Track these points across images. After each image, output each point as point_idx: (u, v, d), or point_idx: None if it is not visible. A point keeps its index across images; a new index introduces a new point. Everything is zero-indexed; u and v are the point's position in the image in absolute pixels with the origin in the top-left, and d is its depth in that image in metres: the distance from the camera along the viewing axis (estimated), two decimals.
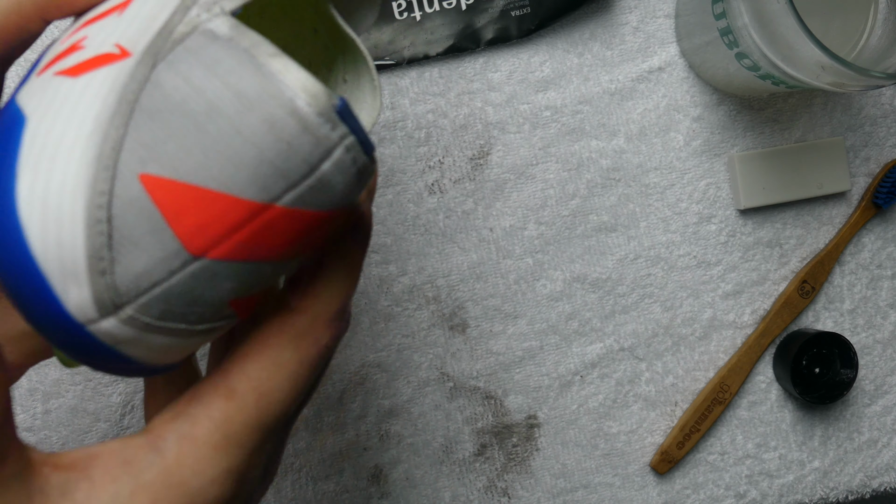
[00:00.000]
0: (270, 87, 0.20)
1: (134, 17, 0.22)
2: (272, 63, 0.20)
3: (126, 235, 0.20)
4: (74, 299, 0.20)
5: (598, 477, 0.46)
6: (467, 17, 0.43)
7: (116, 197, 0.20)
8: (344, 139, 0.21)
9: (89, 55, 0.22)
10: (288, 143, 0.20)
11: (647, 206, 0.46)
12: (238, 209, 0.20)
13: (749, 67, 0.39)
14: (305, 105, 0.20)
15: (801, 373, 0.44)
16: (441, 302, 0.45)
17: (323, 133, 0.21)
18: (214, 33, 0.21)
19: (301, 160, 0.20)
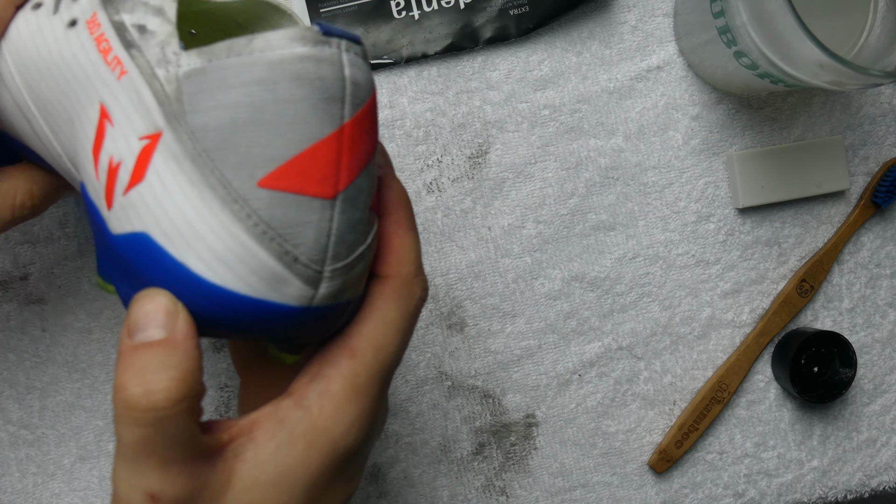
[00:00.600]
0: (274, 60, 0.24)
1: (128, 114, 0.26)
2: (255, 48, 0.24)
3: (286, 226, 0.25)
4: (294, 295, 0.25)
5: (597, 476, 0.46)
6: (466, 16, 0.43)
7: (258, 210, 0.25)
8: (342, 45, 0.25)
9: (132, 162, 0.26)
10: (317, 77, 0.25)
11: (646, 205, 0.46)
12: (330, 145, 0.25)
13: (747, 66, 0.39)
14: (303, 48, 0.24)
15: (799, 372, 0.44)
16: (439, 301, 0.45)
17: (328, 52, 0.25)
18: (193, 70, 0.25)
19: (333, 80, 0.25)
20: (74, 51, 0.28)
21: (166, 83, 0.26)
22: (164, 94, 0.26)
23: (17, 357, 0.43)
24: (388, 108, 0.44)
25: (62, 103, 0.29)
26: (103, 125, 0.27)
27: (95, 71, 0.27)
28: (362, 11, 0.43)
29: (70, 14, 0.29)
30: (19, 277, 0.43)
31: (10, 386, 0.43)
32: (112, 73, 0.27)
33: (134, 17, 0.27)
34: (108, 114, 0.27)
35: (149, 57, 0.26)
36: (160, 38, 0.26)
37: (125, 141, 0.26)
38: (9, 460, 0.43)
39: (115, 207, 0.26)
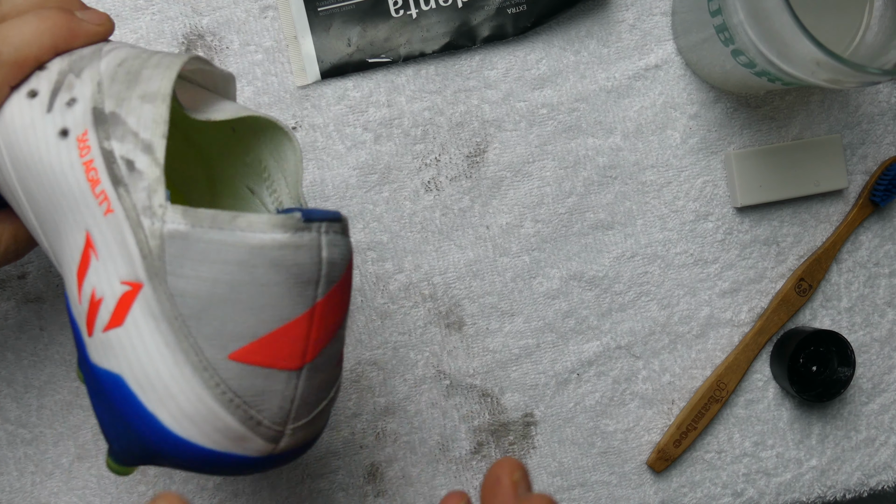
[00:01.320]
0: (254, 244, 0.26)
1: (112, 253, 0.27)
2: (237, 226, 0.26)
3: (252, 395, 0.26)
4: (255, 449, 0.27)
5: (595, 475, 0.46)
6: (463, 15, 0.43)
7: (227, 380, 0.26)
8: (321, 229, 0.26)
9: (113, 303, 0.27)
10: (294, 264, 0.26)
11: (644, 204, 0.46)
12: (301, 325, 0.26)
13: (745, 64, 0.39)
14: (283, 235, 0.26)
15: (798, 371, 0.44)
16: (437, 299, 0.45)
17: (307, 239, 0.26)
18: (176, 232, 0.26)
19: (310, 265, 0.26)
20: (64, 169, 0.28)
21: (150, 236, 0.26)
22: (148, 247, 0.26)
23: (14, 355, 0.43)
24: (385, 107, 0.44)
25: (50, 211, 0.29)
26: (88, 255, 0.28)
27: (83, 198, 0.28)
28: (360, 10, 0.43)
29: (63, 121, 0.28)
30: (17, 276, 0.43)
31: (8, 384, 0.43)
32: (99, 207, 0.27)
33: (124, 147, 0.27)
34: (93, 245, 0.27)
35: (135, 200, 0.27)
36: (147, 183, 0.27)
37: (108, 280, 0.27)
38: (7, 459, 0.43)
39: (95, 339, 0.27)
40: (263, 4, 0.43)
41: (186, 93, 0.32)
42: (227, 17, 0.43)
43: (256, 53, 0.43)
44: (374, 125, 0.44)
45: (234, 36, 0.43)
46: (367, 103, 0.44)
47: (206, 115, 0.31)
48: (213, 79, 0.33)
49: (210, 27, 0.43)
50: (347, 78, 0.44)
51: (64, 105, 0.29)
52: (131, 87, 0.28)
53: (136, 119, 0.28)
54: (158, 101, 0.28)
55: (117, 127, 0.28)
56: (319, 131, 0.44)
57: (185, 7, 0.43)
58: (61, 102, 0.29)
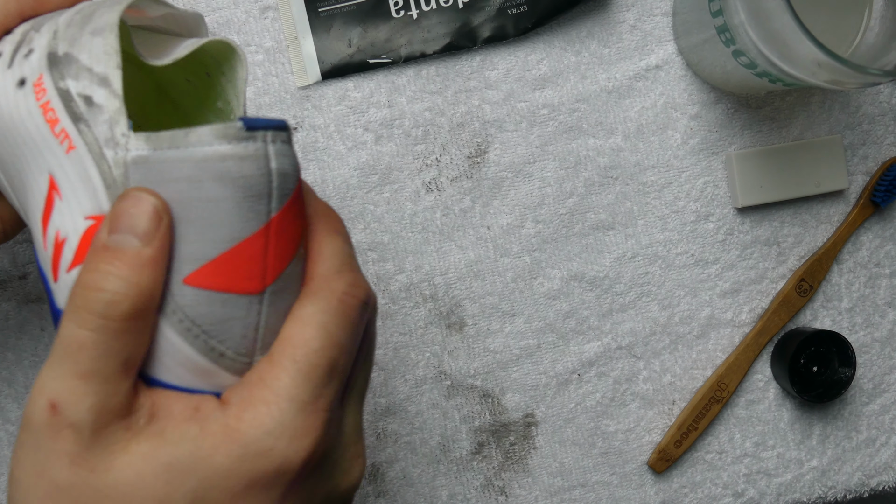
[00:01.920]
0: (199, 157, 0.24)
1: (76, 190, 0.26)
2: (189, 142, 0.24)
3: (212, 322, 0.25)
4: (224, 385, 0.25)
5: (596, 476, 0.46)
6: (464, 16, 0.43)
7: (183, 307, 0.25)
8: (266, 138, 0.24)
9: (76, 240, 0.26)
10: (241, 176, 0.24)
11: (645, 205, 0.46)
12: (256, 243, 0.25)
13: (746, 65, 0.39)
14: (226, 145, 0.24)
15: (799, 371, 0.44)
16: (438, 300, 0.45)
17: (252, 149, 0.24)
18: (139, 158, 0.25)
19: (258, 177, 0.24)
20: (23, 116, 0.27)
21: (114, 166, 0.25)
22: (112, 177, 0.25)
23: (15, 356, 0.43)
24: (386, 108, 0.44)
25: (15, 164, 0.28)
26: (52, 198, 0.27)
27: (44, 141, 0.27)
28: (361, 11, 0.43)
29: (21, 72, 0.28)
30: (18, 277, 0.43)
31: (9, 385, 0.43)
32: (60, 146, 0.27)
33: (79, 85, 0.27)
34: (56, 186, 0.27)
35: (97, 134, 0.26)
36: (108, 115, 0.26)
37: (71, 218, 0.26)
38: (7, 460, 0.43)
39: (60, 282, 0.26)
40: (264, 5, 0.43)
41: (152, 43, 0.31)
42: (227, 17, 0.43)
43: (257, 54, 0.43)
44: (374, 126, 0.44)
45: (235, 36, 0.43)
46: (367, 104, 0.44)
47: (162, 58, 0.30)
48: (181, 22, 0.32)
49: (210, 27, 0.43)
50: (348, 78, 0.44)
51: (22, 58, 0.28)
52: (83, 27, 0.28)
53: (87, 55, 0.27)
54: (106, 31, 0.27)
55: (71, 66, 0.27)
56: (320, 132, 0.44)
57: (185, 7, 0.43)
58: (20, 56, 0.28)
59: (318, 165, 0.44)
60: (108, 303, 0.23)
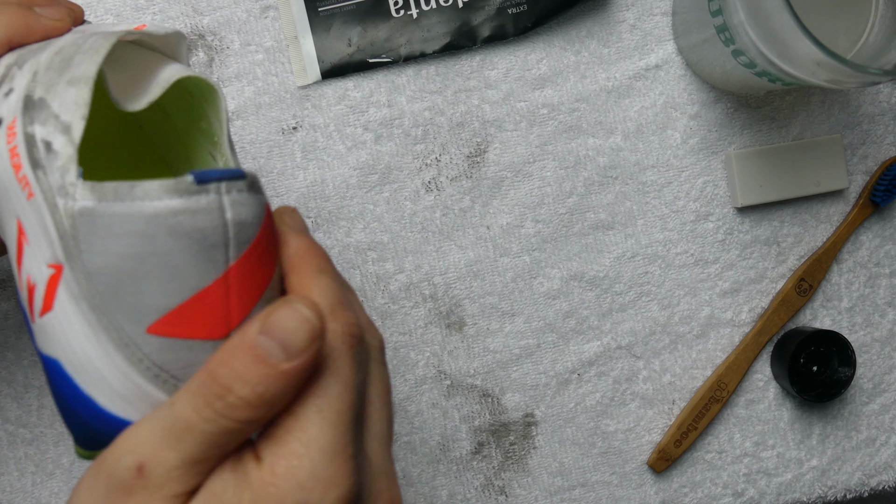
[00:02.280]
0: (149, 213, 0.24)
1: (38, 238, 0.26)
2: (136, 196, 0.24)
3: (178, 368, 0.25)
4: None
5: (596, 475, 0.46)
6: (464, 15, 0.43)
7: (150, 355, 0.25)
8: (220, 190, 0.25)
9: (43, 288, 0.26)
10: (194, 229, 0.24)
11: (645, 204, 0.46)
12: (215, 291, 0.25)
13: (745, 65, 0.39)
14: (177, 200, 0.24)
15: (798, 371, 0.44)
16: (438, 300, 0.45)
17: (204, 202, 0.24)
18: (85, 209, 0.25)
19: (213, 229, 0.25)
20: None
21: (65, 216, 0.25)
22: (64, 227, 0.25)
23: (15, 355, 0.43)
24: (386, 108, 0.44)
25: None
26: (21, 242, 0.27)
27: (10, 185, 0.27)
28: (360, 10, 0.43)
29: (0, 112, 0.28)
30: None
31: (9, 384, 0.43)
32: (22, 192, 0.27)
33: (45, 130, 0.27)
34: (24, 231, 0.27)
35: (51, 182, 0.26)
36: (61, 162, 0.26)
37: (37, 264, 0.26)
38: (7, 459, 0.43)
39: (37, 326, 0.27)
40: (264, 4, 0.43)
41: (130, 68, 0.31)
42: (227, 16, 0.43)
43: (257, 53, 0.43)
44: (374, 125, 0.44)
45: (235, 36, 0.43)
46: (367, 103, 0.44)
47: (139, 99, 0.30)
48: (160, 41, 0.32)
49: (211, 27, 0.43)
50: (348, 78, 0.44)
51: (2, 96, 0.28)
52: (62, 73, 0.28)
53: (59, 103, 0.27)
54: (82, 84, 0.27)
55: (42, 111, 0.27)
56: (320, 131, 0.44)
57: (185, 7, 0.43)
58: (1, 95, 0.28)
59: (318, 165, 0.44)
60: (229, 405, 0.24)
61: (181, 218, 0.24)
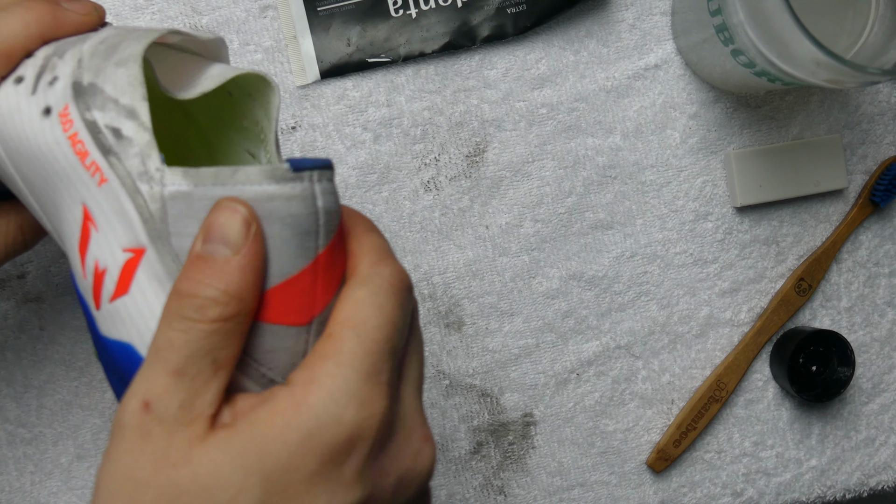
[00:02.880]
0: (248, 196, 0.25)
1: (111, 223, 0.26)
2: (238, 180, 0.25)
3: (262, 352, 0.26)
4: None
5: (595, 475, 0.46)
6: (463, 15, 0.43)
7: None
8: (312, 178, 0.25)
9: (116, 272, 0.26)
10: (289, 215, 0.25)
11: (644, 204, 0.46)
12: (305, 278, 0.26)
13: (745, 64, 0.39)
14: (273, 186, 0.25)
15: (798, 371, 0.44)
16: (437, 299, 0.45)
17: (299, 189, 0.25)
18: (178, 193, 0.25)
19: (306, 216, 0.25)
20: (51, 146, 0.27)
21: (150, 200, 0.26)
22: (148, 211, 0.26)
23: (14, 355, 0.43)
24: (385, 107, 0.44)
25: (47, 191, 0.28)
26: (87, 228, 0.27)
27: (75, 172, 0.27)
28: (360, 10, 0.43)
29: (45, 99, 0.28)
30: (17, 276, 0.43)
31: (8, 384, 0.43)
32: (92, 178, 0.27)
33: (106, 116, 0.27)
34: (91, 217, 0.27)
35: (129, 167, 0.26)
36: (139, 149, 0.26)
37: (109, 249, 0.27)
38: (6, 459, 0.43)
39: (103, 311, 0.27)
40: (263, 4, 0.43)
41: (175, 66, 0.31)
42: (226, 16, 0.43)
43: (256, 53, 0.43)
44: (373, 125, 0.44)
45: (234, 35, 0.43)
46: (366, 103, 0.44)
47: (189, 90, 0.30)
48: (202, 46, 0.32)
49: (209, 26, 0.43)
50: (347, 78, 0.44)
51: (46, 85, 0.28)
52: (108, 58, 0.28)
53: (112, 85, 0.27)
54: (130, 62, 0.27)
55: (96, 97, 0.27)
56: (319, 131, 0.44)
57: (184, 6, 0.43)
58: (44, 83, 0.29)
59: None
60: (197, 307, 0.24)
61: (276, 203, 0.25)
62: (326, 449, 0.24)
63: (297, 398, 0.24)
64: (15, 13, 0.30)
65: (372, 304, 0.26)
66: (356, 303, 0.26)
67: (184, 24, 0.43)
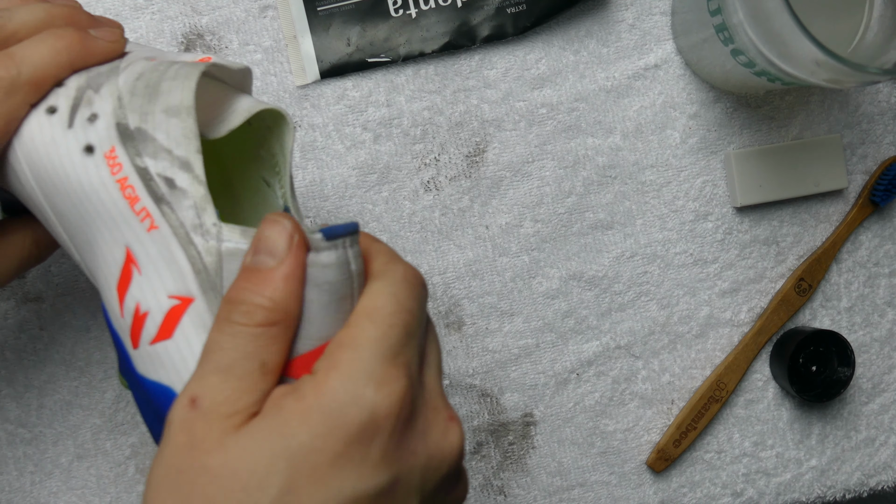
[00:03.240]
0: None
1: (158, 269, 0.27)
2: None
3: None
4: None
5: (595, 475, 0.46)
6: (463, 15, 0.43)
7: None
8: (346, 244, 0.26)
9: (160, 317, 0.27)
10: (325, 282, 0.26)
11: (644, 204, 0.45)
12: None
13: (745, 64, 0.39)
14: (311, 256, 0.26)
15: (798, 371, 0.44)
16: (437, 299, 0.45)
17: (334, 258, 0.26)
18: (238, 250, 0.27)
19: (343, 282, 0.26)
20: (94, 185, 0.28)
21: (205, 253, 0.27)
22: (202, 263, 0.27)
23: (14, 355, 0.43)
24: (385, 107, 0.44)
25: (81, 227, 0.29)
26: (129, 270, 0.28)
27: (121, 215, 0.28)
28: (359, 10, 0.43)
29: (86, 137, 0.28)
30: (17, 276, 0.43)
31: (8, 384, 0.43)
32: (141, 223, 0.27)
33: (158, 165, 0.27)
34: (135, 260, 0.27)
35: (182, 218, 0.27)
36: (194, 201, 0.27)
37: (153, 294, 0.27)
38: (6, 458, 0.43)
39: (142, 352, 0.28)
40: (263, 4, 0.43)
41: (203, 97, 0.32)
42: (226, 16, 0.43)
43: (256, 53, 0.43)
44: (373, 125, 0.44)
45: (234, 35, 0.43)
46: (366, 103, 0.44)
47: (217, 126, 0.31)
48: (229, 74, 0.33)
49: (209, 26, 0.43)
50: (347, 78, 0.44)
51: (85, 121, 0.28)
52: (152, 101, 0.28)
53: (165, 135, 0.28)
54: (183, 114, 0.28)
55: (146, 144, 0.28)
56: (319, 131, 0.44)
57: (184, 6, 0.43)
58: (82, 118, 0.29)
59: (317, 165, 0.44)
60: (244, 312, 0.26)
61: (313, 270, 0.26)
62: (350, 429, 0.25)
63: (318, 383, 0.25)
64: (45, 41, 0.30)
65: (385, 293, 0.27)
66: (370, 294, 0.27)
67: (183, 25, 0.43)
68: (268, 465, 0.24)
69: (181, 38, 0.43)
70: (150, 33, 0.43)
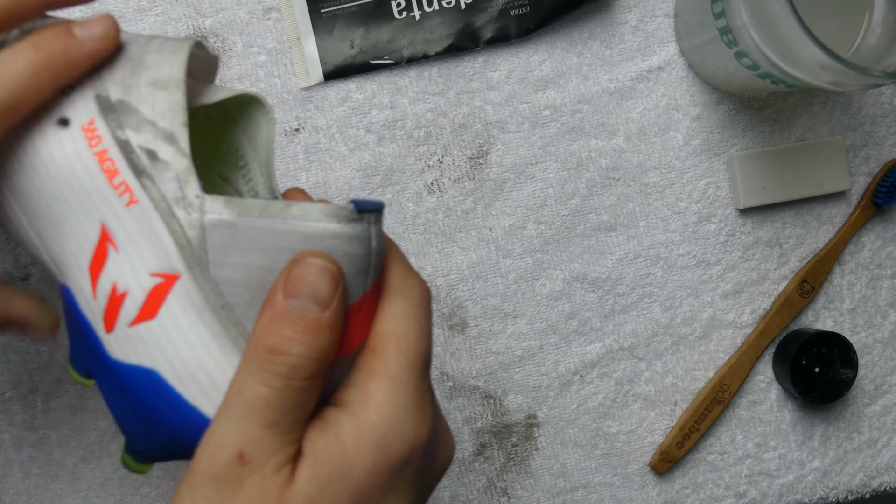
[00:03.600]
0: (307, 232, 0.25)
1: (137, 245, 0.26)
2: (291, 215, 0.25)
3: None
4: None
5: (598, 477, 0.46)
6: (466, 17, 0.43)
7: None
8: (371, 220, 0.26)
9: (141, 297, 0.26)
10: (346, 254, 0.25)
11: (647, 206, 0.46)
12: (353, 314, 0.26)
13: (748, 66, 0.39)
14: (336, 225, 0.25)
15: (800, 372, 0.44)
16: (440, 301, 0.45)
17: (359, 230, 0.25)
18: (221, 222, 0.25)
19: (362, 256, 0.26)
20: (69, 159, 0.26)
21: (188, 227, 0.25)
22: (185, 237, 0.25)
23: (19, 358, 0.43)
24: (388, 109, 0.44)
25: (48, 204, 0.27)
26: (105, 248, 0.26)
27: (98, 190, 0.26)
28: (363, 12, 0.43)
29: (60, 111, 0.26)
30: (20, 278, 0.43)
31: (14, 387, 0.43)
32: (119, 198, 0.26)
33: (141, 138, 0.26)
34: (111, 238, 0.26)
35: (164, 191, 0.26)
36: (176, 173, 0.26)
37: (133, 272, 0.26)
38: (12, 461, 0.43)
39: (118, 335, 0.26)
40: (267, 6, 0.43)
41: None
42: (230, 18, 0.43)
43: (259, 55, 0.43)
44: (376, 127, 0.44)
45: (238, 37, 0.43)
46: (369, 105, 0.44)
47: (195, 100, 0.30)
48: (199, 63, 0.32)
49: (213, 28, 0.43)
50: (350, 80, 0.44)
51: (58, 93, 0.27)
52: (136, 74, 0.27)
53: (150, 107, 0.26)
54: (172, 87, 0.27)
55: (129, 116, 0.26)
56: (322, 133, 0.44)
57: (188, 8, 0.43)
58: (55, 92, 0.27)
59: (321, 167, 0.44)
60: (292, 366, 0.25)
61: (337, 241, 0.25)
62: (394, 463, 0.26)
63: (359, 419, 0.25)
64: (22, 53, 0.26)
65: (409, 318, 0.27)
66: (395, 317, 0.27)
67: (187, 27, 0.43)
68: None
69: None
70: None
